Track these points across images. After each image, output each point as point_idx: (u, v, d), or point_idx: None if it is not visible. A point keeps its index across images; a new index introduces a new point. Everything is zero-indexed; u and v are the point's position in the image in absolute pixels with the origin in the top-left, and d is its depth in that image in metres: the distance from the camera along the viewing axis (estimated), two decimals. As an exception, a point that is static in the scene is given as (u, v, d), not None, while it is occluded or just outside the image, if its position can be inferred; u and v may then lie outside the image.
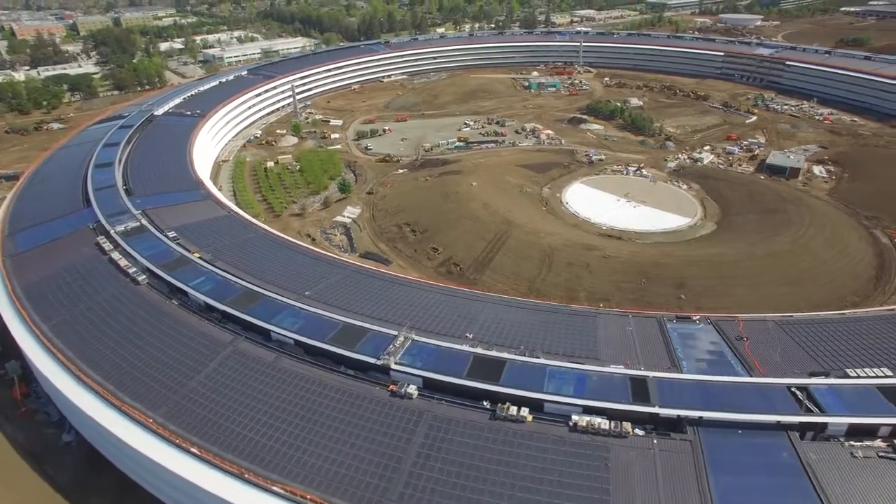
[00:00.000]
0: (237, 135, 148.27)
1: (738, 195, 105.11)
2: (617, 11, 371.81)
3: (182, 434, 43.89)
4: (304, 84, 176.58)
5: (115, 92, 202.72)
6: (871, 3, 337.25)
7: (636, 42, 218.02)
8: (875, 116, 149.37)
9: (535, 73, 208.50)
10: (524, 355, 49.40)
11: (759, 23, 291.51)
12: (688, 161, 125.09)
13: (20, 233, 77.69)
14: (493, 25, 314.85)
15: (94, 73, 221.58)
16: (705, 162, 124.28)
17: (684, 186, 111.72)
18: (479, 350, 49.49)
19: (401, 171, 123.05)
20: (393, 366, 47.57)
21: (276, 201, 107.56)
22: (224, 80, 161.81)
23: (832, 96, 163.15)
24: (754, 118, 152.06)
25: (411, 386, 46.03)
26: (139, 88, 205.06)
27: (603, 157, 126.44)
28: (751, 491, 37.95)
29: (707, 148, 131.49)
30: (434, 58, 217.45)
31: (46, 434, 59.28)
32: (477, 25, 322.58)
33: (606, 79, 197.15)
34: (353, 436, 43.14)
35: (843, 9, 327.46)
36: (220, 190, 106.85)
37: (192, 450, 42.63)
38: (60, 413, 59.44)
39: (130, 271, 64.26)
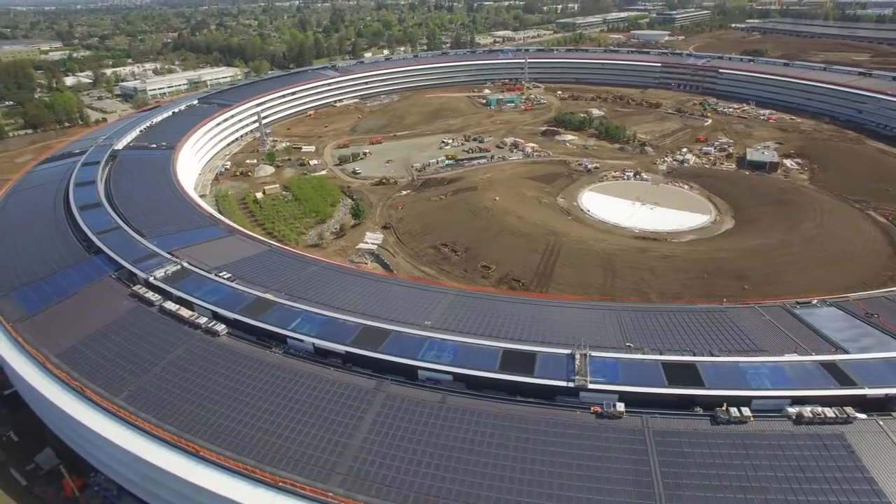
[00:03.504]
0: (204, 167, 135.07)
1: (739, 190, 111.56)
2: (533, 31, 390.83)
3: None
4: (254, 113, 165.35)
5: (29, 131, 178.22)
6: (748, 21, 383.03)
7: (578, 57, 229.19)
8: (807, 115, 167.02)
9: (486, 91, 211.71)
10: (704, 356, 47.43)
11: (667, 38, 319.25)
12: (675, 163, 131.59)
13: (16, 293, 64.06)
14: (424, 48, 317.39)
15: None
16: (691, 162, 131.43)
17: (685, 186, 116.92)
18: (665, 357, 46.72)
19: (404, 192, 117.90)
20: (590, 385, 43.45)
21: (287, 233, 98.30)
22: (176, 110, 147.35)
23: (765, 99, 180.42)
24: (710, 121, 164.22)
25: (619, 404, 42.21)
26: (58, 126, 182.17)
27: (598, 165, 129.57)
28: None
29: (685, 150, 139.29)
30: (383, 80, 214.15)
31: (129, 533, 47.98)
32: (410, 48, 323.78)
33: (559, 92, 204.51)
34: (579, 468, 38.51)
35: (732, 25, 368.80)
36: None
37: (405, 522, 35.87)
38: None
39: (200, 322, 54.60)
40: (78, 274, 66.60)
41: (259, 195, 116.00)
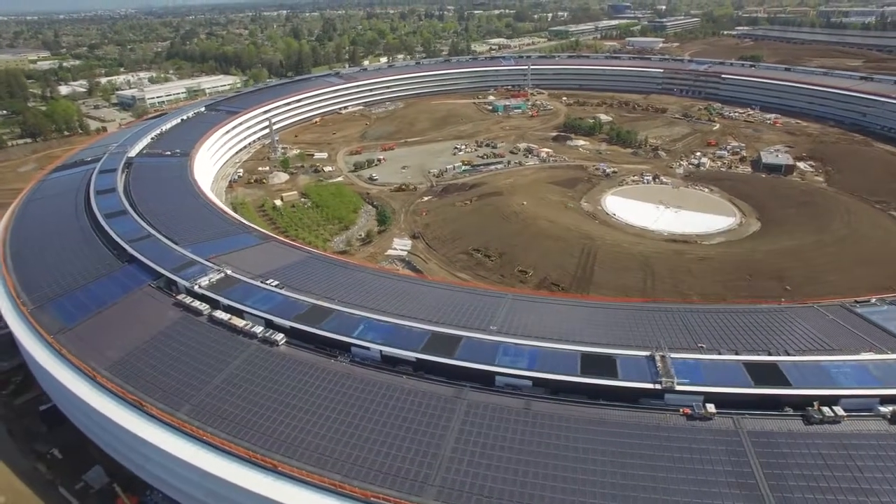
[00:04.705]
0: (216, 174, 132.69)
1: (759, 193, 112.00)
2: (527, 39, 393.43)
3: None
4: (264, 119, 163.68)
5: (28, 140, 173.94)
6: (738, 28, 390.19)
7: (580, 63, 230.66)
8: (811, 118, 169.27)
9: (491, 97, 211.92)
10: (781, 355, 46.82)
11: (661, 44, 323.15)
12: (691, 167, 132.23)
13: (51, 304, 61.68)
14: (423, 56, 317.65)
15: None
16: (707, 166, 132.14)
17: (706, 189, 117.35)
18: (745, 357, 46.01)
19: (425, 198, 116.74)
20: (677, 387, 42.53)
21: (312, 240, 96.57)
22: (184, 117, 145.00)
23: (767, 103, 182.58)
24: (717, 125, 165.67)
25: (709, 405, 41.35)
26: (58, 135, 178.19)
27: (615, 169, 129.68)
28: None
29: (698, 153, 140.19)
30: (388, 87, 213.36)
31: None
32: (407, 56, 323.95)
33: (564, 98, 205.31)
34: (679, 471, 37.43)
35: (724, 32, 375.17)
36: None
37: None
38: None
39: (256, 331, 52.79)
40: (113, 283, 64.42)
41: (278, 202, 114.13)
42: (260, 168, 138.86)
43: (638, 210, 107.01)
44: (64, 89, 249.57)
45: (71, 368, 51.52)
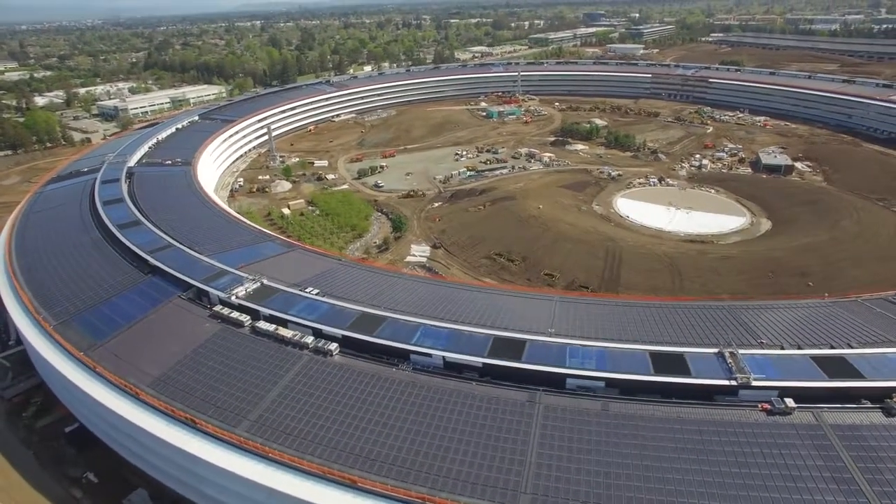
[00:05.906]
0: (216, 183, 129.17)
1: (765, 193, 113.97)
2: (509, 46, 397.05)
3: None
4: (262, 127, 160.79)
5: (8, 152, 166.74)
6: (713, 34, 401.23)
7: (569, 69, 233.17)
8: (798, 120, 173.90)
9: (483, 104, 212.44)
10: (844, 348, 47.01)
11: (642, 51, 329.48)
12: (693, 168, 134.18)
13: (75, 319, 58.60)
14: (410, 64, 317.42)
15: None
16: (708, 168, 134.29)
17: (712, 190, 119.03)
18: (812, 351, 46.04)
19: (435, 204, 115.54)
20: (753, 383, 42.16)
21: (330, 248, 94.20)
22: (179, 125, 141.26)
23: (755, 106, 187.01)
24: (711, 129, 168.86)
25: (788, 399, 41.08)
26: (39, 146, 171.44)
27: (620, 172, 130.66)
28: None
29: (698, 156, 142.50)
30: (380, 95, 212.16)
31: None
32: (392, 64, 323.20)
33: (557, 104, 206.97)
34: (772, 467, 36.89)
35: (701, 39, 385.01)
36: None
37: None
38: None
39: (307, 341, 50.79)
40: (140, 296, 61.74)
41: (285, 211, 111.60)
42: (260, 177, 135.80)
43: (650, 212, 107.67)
44: (40, 100, 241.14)
45: (108, 386, 48.85)
